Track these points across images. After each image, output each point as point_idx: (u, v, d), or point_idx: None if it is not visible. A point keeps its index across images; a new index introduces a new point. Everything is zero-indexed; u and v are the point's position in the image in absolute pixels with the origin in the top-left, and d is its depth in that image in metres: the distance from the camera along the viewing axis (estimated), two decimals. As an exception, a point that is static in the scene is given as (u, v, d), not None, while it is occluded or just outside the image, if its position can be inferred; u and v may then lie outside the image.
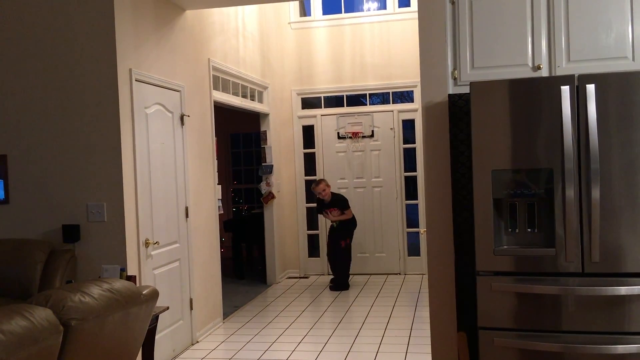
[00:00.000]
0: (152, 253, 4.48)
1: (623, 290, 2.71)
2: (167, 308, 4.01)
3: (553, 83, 2.79)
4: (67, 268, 3.93)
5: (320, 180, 7.37)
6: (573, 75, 2.78)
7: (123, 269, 3.80)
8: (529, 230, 2.89)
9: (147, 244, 4.37)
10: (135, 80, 4.27)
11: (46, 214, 4.15)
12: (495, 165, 2.87)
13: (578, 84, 2.76)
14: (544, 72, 3.14)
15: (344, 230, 7.34)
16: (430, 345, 3.39)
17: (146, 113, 4.47)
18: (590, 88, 2.72)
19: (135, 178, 4.24)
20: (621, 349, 2.72)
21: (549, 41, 3.14)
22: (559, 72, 3.10)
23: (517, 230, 2.91)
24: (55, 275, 3.86)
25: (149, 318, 3.02)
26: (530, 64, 3.16)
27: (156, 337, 3.85)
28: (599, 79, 2.74)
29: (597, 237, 2.72)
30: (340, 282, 7.23)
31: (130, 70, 4.21)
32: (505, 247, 2.90)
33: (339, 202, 7.35)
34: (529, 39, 3.15)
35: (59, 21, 4.12)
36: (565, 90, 2.74)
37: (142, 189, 4.34)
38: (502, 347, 2.86)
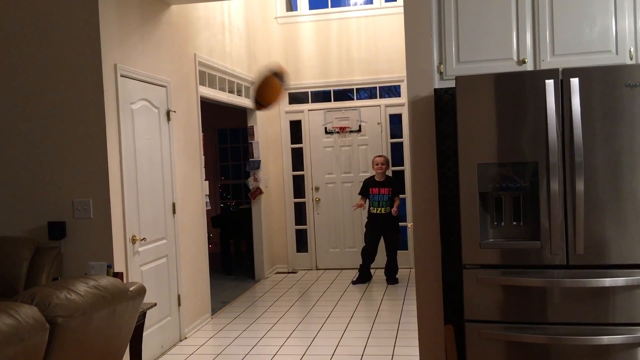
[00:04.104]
0: (139, 249, 4.46)
1: (607, 281, 2.75)
2: (155, 304, 4.00)
3: (538, 77, 2.81)
4: (53, 265, 3.91)
5: (383, 155, 7.18)
6: (557, 69, 2.80)
7: (110, 266, 3.79)
8: (514, 223, 2.92)
9: (134, 241, 4.35)
10: (121, 76, 4.24)
11: (31, 211, 4.11)
12: (481, 159, 2.88)
13: (562, 78, 2.78)
14: (529, 66, 3.16)
15: (396, 222, 7.08)
16: (417, 339, 3.41)
17: (132, 109, 4.44)
18: (574, 82, 2.74)
19: (121, 174, 4.21)
20: (606, 339, 2.75)
21: (533, 35, 3.16)
22: (544, 66, 3.13)
23: (502, 224, 2.93)
24: (41, 273, 3.83)
25: (136, 315, 3.02)
26: (515, 58, 3.18)
27: (144, 333, 3.84)
28: (583, 73, 2.77)
29: (582, 229, 2.75)
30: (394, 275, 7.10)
31: (115, 65, 4.18)
32: (491, 240, 2.92)
33: (395, 184, 7.03)
34: (514, 33, 3.17)
35: (43, 17, 4.07)
36: (550, 84, 2.76)
37: (129, 185, 4.31)
38: (489, 339, 2.89)
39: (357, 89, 8.05)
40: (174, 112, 5.10)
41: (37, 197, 4.12)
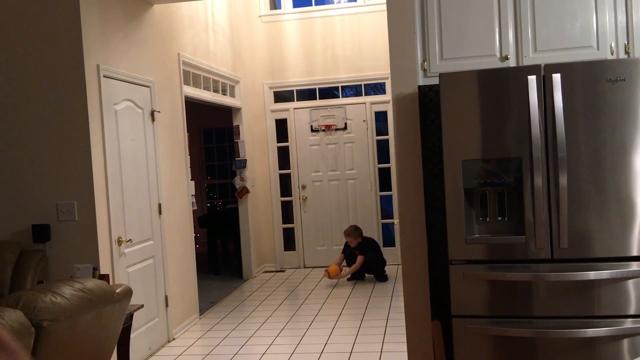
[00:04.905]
0: (125, 251, 4.43)
1: (592, 274, 2.77)
2: (142, 306, 3.98)
3: (520, 73, 2.83)
4: (38, 269, 3.87)
5: (352, 231, 7.14)
6: (539, 65, 2.82)
7: (96, 268, 3.76)
8: (499, 218, 2.93)
9: (119, 242, 4.33)
10: (103, 77, 4.21)
11: (15, 214, 4.07)
12: (466, 156, 2.90)
13: (544, 74, 2.80)
14: (512, 62, 3.18)
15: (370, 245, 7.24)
16: (405, 335, 3.43)
17: (115, 109, 4.41)
18: (556, 77, 2.76)
19: (106, 176, 4.18)
20: (591, 332, 2.78)
21: (515, 31, 3.18)
22: (526, 62, 3.15)
23: (487, 219, 2.95)
24: (26, 276, 3.80)
25: (123, 317, 3.00)
26: (498, 55, 3.19)
27: (131, 335, 3.82)
28: (564, 68, 2.79)
29: (565, 223, 2.78)
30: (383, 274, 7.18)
31: (97, 66, 4.15)
32: (476, 235, 2.93)
33: (362, 247, 7.13)
34: (497, 30, 3.19)
35: (24, 17, 4.03)
36: (532, 80, 2.78)
37: (114, 187, 4.29)
38: (476, 334, 2.91)
39: (342, 86, 8.06)
40: (159, 112, 5.08)
41: (20, 199, 4.07)
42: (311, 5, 8.05)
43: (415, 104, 3.25)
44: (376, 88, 8.11)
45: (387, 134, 7.88)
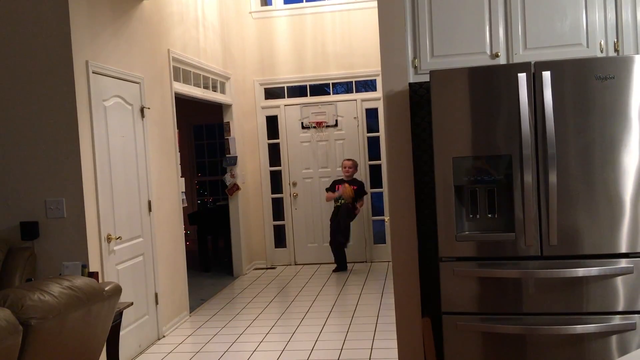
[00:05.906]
0: (115, 248, 4.41)
1: (580, 271, 2.79)
2: (131, 304, 3.96)
3: (510, 70, 2.84)
4: (26, 266, 3.84)
5: (352, 159, 7.46)
6: (529, 63, 2.83)
7: (84, 266, 3.74)
8: (489, 215, 2.94)
9: (109, 239, 4.30)
10: (92, 73, 4.18)
11: (3, 211, 4.04)
12: (456, 153, 2.90)
13: (534, 71, 2.81)
14: (502, 60, 3.18)
15: (348, 212, 7.39)
16: (396, 332, 3.43)
17: (105, 106, 4.38)
18: (546, 75, 2.77)
19: (95, 172, 4.16)
20: (580, 328, 2.79)
21: (506, 29, 3.19)
22: (517, 59, 3.15)
23: (478, 216, 2.95)
24: (14, 274, 3.77)
25: (112, 314, 2.99)
26: (488, 52, 3.20)
27: (121, 333, 3.80)
28: (554, 66, 2.80)
29: (555, 220, 2.79)
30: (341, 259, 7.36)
31: (86, 62, 4.12)
32: (466, 232, 2.94)
33: (358, 184, 7.37)
34: (487, 27, 3.19)
35: (11, 13, 3.99)
36: (522, 77, 2.79)
37: (103, 184, 4.26)
38: (466, 331, 2.92)
39: (333, 83, 8.05)
40: (148, 108, 5.05)
41: (8, 196, 4.04)
42: (302, 1, 8.03)
43: (406, 101, 3.25)
44: (367, 85, 8.11)
45: (378, 131, 7.88)
